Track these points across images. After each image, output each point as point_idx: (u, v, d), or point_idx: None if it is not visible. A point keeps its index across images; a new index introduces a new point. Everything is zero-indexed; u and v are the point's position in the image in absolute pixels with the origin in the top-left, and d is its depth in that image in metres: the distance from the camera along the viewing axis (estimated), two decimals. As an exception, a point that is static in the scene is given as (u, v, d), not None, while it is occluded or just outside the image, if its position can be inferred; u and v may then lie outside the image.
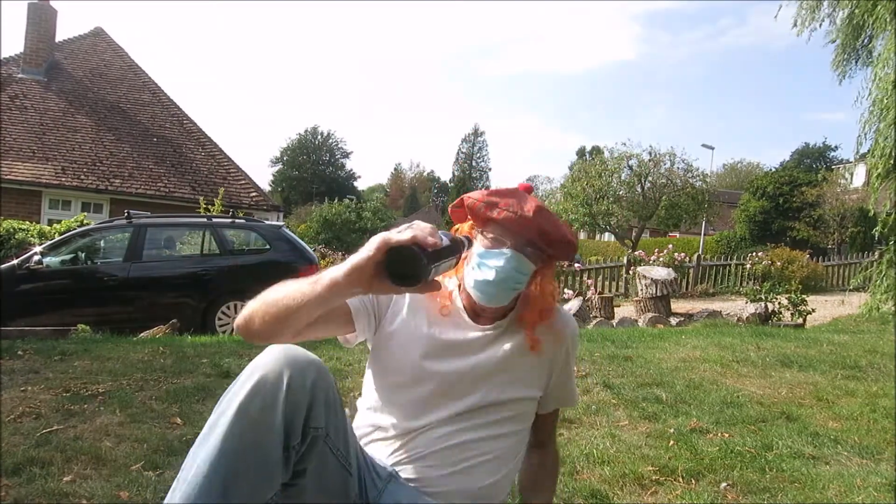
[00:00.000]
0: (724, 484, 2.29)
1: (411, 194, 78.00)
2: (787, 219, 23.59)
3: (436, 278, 1.07)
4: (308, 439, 1.11)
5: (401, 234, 1.02)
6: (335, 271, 1.06)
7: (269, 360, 1.11)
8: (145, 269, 7.23)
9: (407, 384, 1.35)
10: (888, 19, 6.28)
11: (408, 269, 0.96)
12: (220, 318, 7.07)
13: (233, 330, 6.94)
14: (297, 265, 7.53)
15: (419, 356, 1.34)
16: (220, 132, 28.32)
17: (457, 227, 1.41)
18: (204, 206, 10.89)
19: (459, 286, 1.39)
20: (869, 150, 6.73)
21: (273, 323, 1.16)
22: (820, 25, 7.30)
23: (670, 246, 12.32)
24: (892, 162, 6.44)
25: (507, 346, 1.36)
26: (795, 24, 7.43)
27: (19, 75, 14.99)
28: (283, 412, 1.07)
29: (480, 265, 1.28)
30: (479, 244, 1.31)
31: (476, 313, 1.37)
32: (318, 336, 1.31)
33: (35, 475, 2.17)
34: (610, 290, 12.13)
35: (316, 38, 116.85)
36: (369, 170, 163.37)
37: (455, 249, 1.10)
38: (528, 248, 1.29)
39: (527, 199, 1.31)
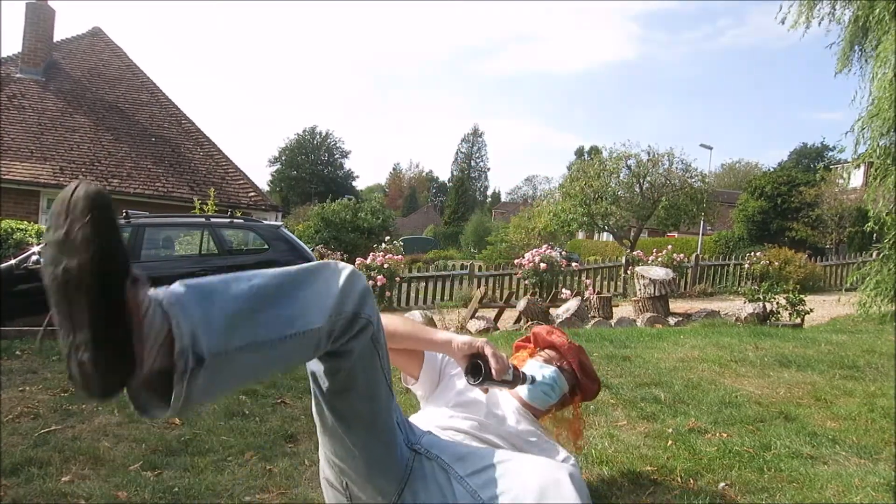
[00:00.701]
0: (722, 484, 2.29)
1: (410, 194, 78.02)
2: (785, 219, 23.61)
3: (489, 388, 1.65)
4: (359, 323, 1.28)
5: (495, 356, 1.55)
6: (454, 336, 1.61)
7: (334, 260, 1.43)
8: (143, 269, 7.15)
9: (457, 409, 1.74)
10: (887, 19, 6.29)
11: (476, 372, 1.55)
12: (218, 318, 7.06)
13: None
14: (294, 265, 7.53)
15: (475, 395, 1.77)
16: (218, 132, 28.35)
17: (517, 353, 2.04)
18: (199, 206, 10.76)
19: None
20: (866, 150, 6.74)
21: (388, 335, 1.54)
22: (819, 24, 7.33)
23: (669, 246, 12.33)
24: (889, 160, 6.46)
25: (538, 430, 1.82)
26: (783, 21, 7.47)
27: (17, 75, 14.97)
28: (343, 283, 1.28)
29: (533, 370, 1.84)
30: (535, 360, 1.90)
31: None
32: (396, 360, 1.72)
33: (33, 475, 2.16)
34: (608, 290, 12.15)
35: (315, 38, 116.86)
36: (368, 169, 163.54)
37: (512, 382, 1.63)
38: (567, 373, 1.88)
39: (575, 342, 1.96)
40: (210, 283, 1.17)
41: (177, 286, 1.13)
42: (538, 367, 1.82)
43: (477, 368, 1.55)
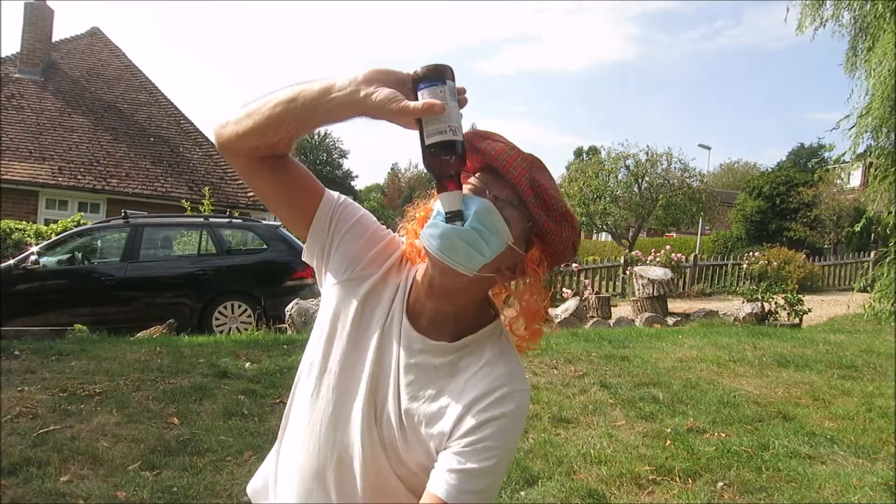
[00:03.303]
0: (720, 483, 2.29)
1: (409, 194, 78.03)
2: (783, 219, 23.61)
3: (429, 102, 0.90)
4: None
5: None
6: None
7: None
8: (142, 269, 7.22)
9: (323, 377, 1.04)
10: (885, 19, 6.31)
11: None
12: (216, 318, 7.05)
13: (230, 330, 6.94)
14: (293, 265, 7.53)
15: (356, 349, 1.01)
16: (217, 132, 28.09)
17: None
18: (189, 207, 10.56)
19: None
20: (866, 149, 6.76)
21: (258, 114, 0.95)
22: (824, 26, 7.34)
23: (668, 246, 12.33)
24: (889, 161, 6.47)
25: (453, 380, 0.97)
26: (800, 26, 7.47)
27: (16, 75, 14.94)
28: None
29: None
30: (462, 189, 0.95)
31: (432, 290, 0.97)
32: (274, 191, 1.02)
33: (32, 475, 2.16)
34: (607, 290, 12.14)
35: (313, 37, 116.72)
36: (367, 169, 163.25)
37: (457, 145, 0.91)
38: (510, 208, 0.93)
39: (527, 152, 0.99)
40: None
41: None
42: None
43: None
